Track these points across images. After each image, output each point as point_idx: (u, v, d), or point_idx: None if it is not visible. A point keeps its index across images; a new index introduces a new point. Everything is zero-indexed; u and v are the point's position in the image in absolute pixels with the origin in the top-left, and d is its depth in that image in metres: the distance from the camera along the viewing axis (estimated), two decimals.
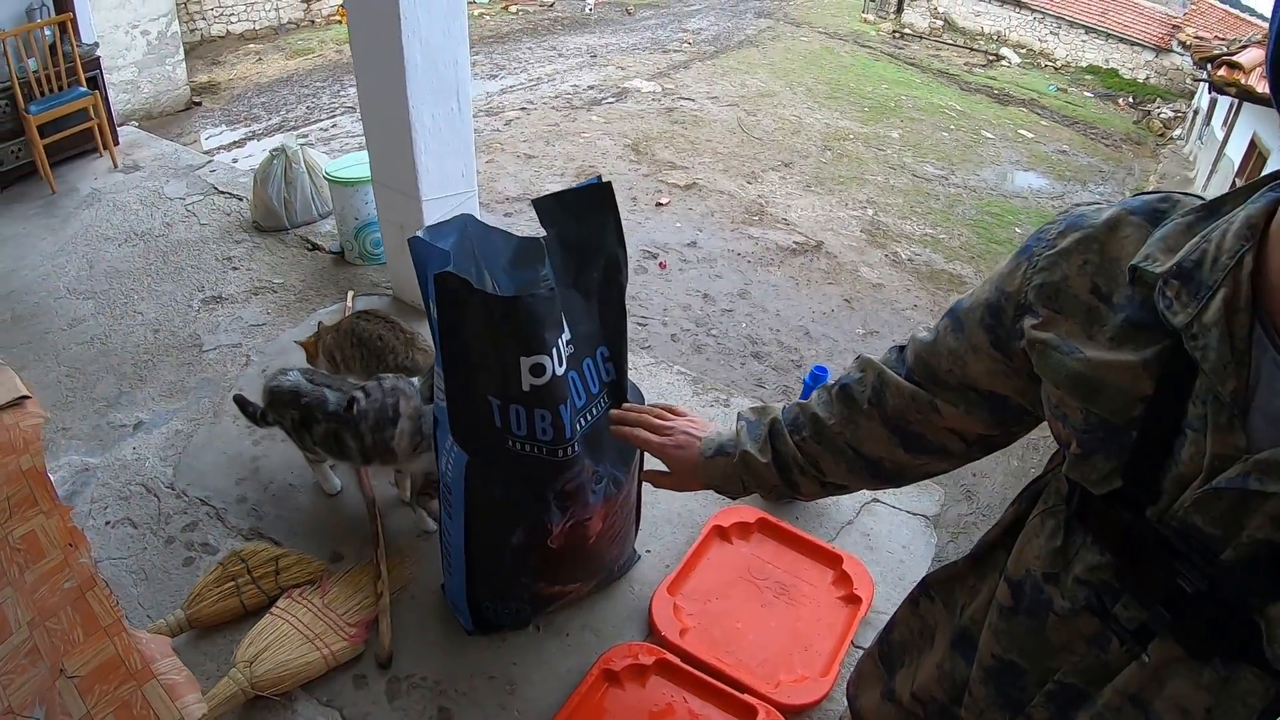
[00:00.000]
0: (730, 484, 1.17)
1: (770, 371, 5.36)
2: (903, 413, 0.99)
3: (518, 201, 7.05)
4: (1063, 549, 0.83)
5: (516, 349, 1.34)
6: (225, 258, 3.64)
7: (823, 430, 1.06)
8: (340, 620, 1.82)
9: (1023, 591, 0.86)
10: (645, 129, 9.31)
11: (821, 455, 1.07)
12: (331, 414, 2.00)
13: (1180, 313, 0.70)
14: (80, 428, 2.70)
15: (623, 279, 1.53)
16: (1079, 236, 0.81)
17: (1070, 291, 0.80)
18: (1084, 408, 0.77)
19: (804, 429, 1.08)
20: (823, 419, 1.06)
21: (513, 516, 1.56)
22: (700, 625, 1.95)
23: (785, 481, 1.11)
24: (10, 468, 1.88)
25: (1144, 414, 0.73)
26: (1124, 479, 0.75)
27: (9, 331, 3.24)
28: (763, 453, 1.11)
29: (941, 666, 1.00)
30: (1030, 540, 0.87)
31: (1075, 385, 0.78)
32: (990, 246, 7.76)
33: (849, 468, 1.06)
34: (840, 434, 1.05)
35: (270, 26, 11.64)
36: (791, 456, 1.09)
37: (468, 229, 1.47)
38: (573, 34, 13.70)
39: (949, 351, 0.94)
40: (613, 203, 1.46)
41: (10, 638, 1.54)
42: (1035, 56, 16.51)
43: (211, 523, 2.21)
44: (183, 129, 8.24)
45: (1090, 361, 0.76)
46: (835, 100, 11.48)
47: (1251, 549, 0.67)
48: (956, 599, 1.03)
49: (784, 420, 1.12)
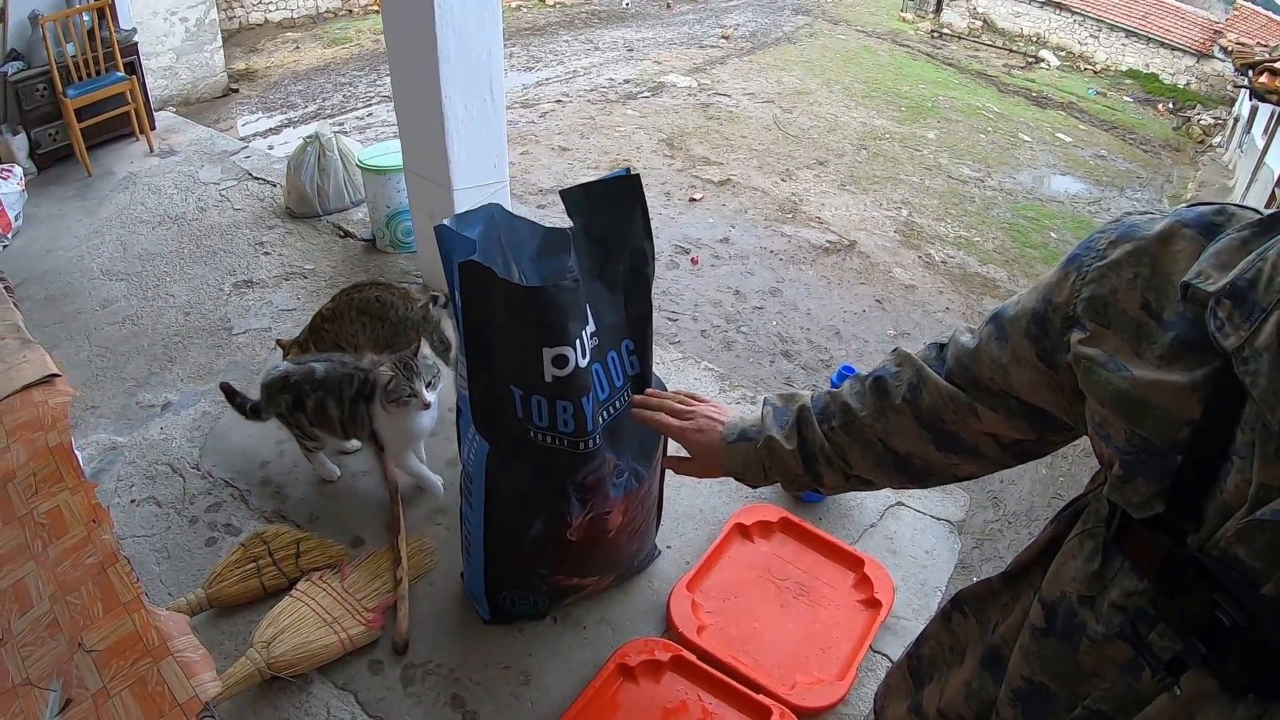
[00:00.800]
0: (751, 470, 1.14)
1: (799, 370, 5.32)
2: (938, 411, 0.97)
3: (551, 193, 7.05)
4: (1100, 572, 0.80)
5: (539, 339, 1.33)
6: (257, 243, 3.67)
7: (853, 421, 1.04)
8: (358, 605, 1.82)
9: (1056, 613, 0.83)
10: (680, 124, 9.28)
11: (850, 446, 1.05)
12: (320, 381, 2.02)
13: (1232, 335, 0.66)
14: (109, 406, 2.73)
15: (649, 271, 1.51)
16: (1130, 248, 0.77)
17: (1119, 306, 0.76)
18: (1128, 428, 0.74)
19: (833, 418, 1.06)
20: (854, 409, 1.04)
21: (532, 507, 1.55)
22: (718, 623, 1.93)
23: (809, 471, 1.09)
24: (37, 444, 1.91)
25: (1190, 438, 0.70)
26: (1166, 504, 0.72)
27: (43, 310, 3.28)
28: (788, 439, 1.08)
29: (970, 685, 0.97)
30: (1067, 561, 0.84)
31: (1120, 405, 0.75)
32: (1025, 251, 7.65)
33: (876, 462, 1.04)
34: (871, 426, 1.02)
35: (308, 15, 11.73)
36: (818, 446, 1.07)
37: (495, 218, 1.46)
38: (609, 27, 13.69)
39: (991, 359, 0.91)
40: (640, 194, 1.44)
41: (31, 610, 1.56)
42: (1075, 59, 16.26)
43: (235, 504, 2.22)
44: (220, 115, 8.33)
45: (1137, 381, 0.73)
46: (872, 99, 11.37)
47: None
48: (989, 616, 1.00)
49: (813, 408, 1.09)
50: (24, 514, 1.75)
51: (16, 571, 1.64)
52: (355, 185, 3.87)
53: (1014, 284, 6.97)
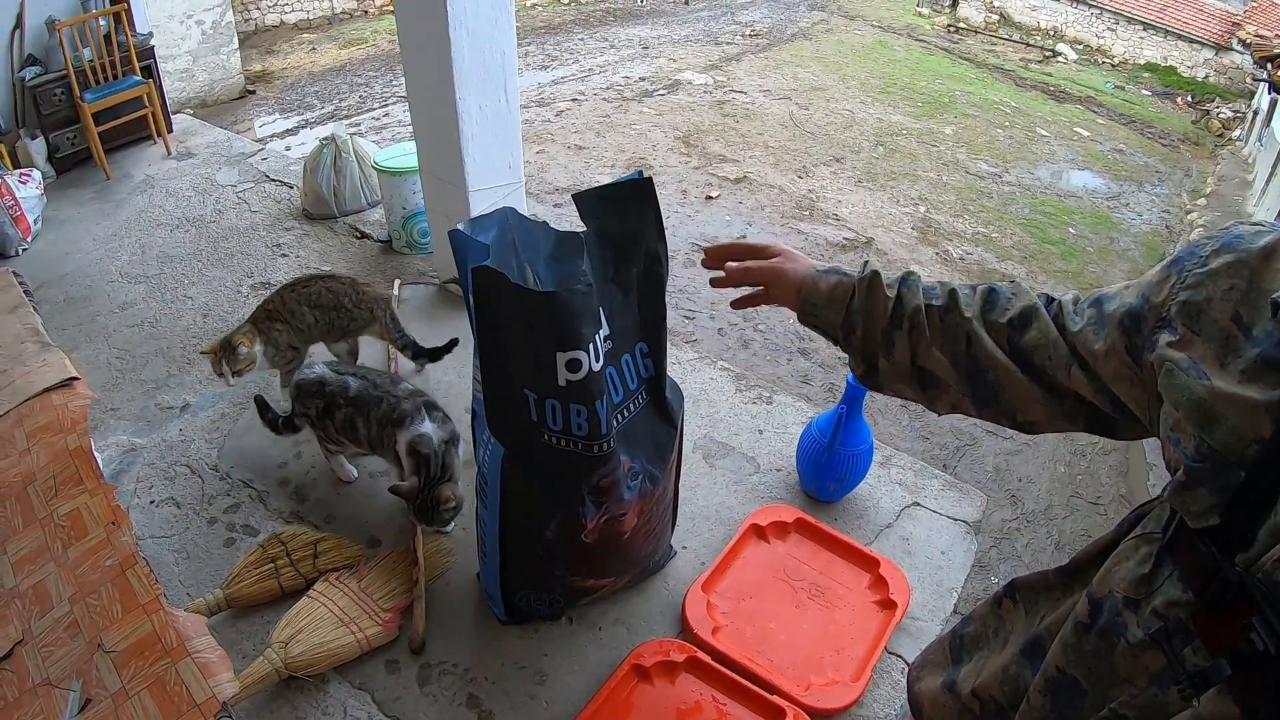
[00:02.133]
0: (833, 306, 1.10)
1: (817, 369, 5.31)
2: (1035, 347, 0.97)
3: (567, 192, 7.06)
4: (1149, 577, 0.80)
5: (552, 344, 1.33)
6: (275, 244, 3.69)
7: (953, 309, 1.02)
8: (375, 605, 1.83)
9: (1101, 611, 0.84)
10: (696, 121, 9.27)
11: (936, 333, 1.03)
12: (353, 398, 2.03)
13: None
14: (128, 408, 2.75)
15: (663, 274, 1.51)
16: (1231, 259, 0.77)
17: (1211, 315, 0.77)
18: (1199, 436, 0.75)
19: (936, 299, 1.04)
20: (959, 301, 1.03)
21: (547, 509, 1.55)
22: (733, 624, 1.93)
23: (887, 336, 1.06)
24: (57, 446, 1.93)
25: (1257, 456, 0.70)
26: (1221, 518, 0.72)
27: (63, 313, 3.31)
28: (890, 287, 1.06)
29: (1008, 670, 0.99)
30: (1120, 562, 0.85)
31: (1195, 412, 0.75)
32: (1043, 246, 7.60)
33: (954, 361, 1.02)
34: (968, 322, 1.01)
35: (324, 16, 11.80)
36: (909, 312, 1.04)
37: (509, 222, 1.47)
38: (625, 25, 13.69)
39: (1085, 342, 0.92)
40: (653, 197, 1.44)
41: (51, 611, 1.58)
42: (1092, 53, 16.12)
43: (253, 505, 2.24)
44: (237, 117, 8.41)
45: (1215, 391, 0.74)
46: (888, 95, 11.32)
47: None
48: (1040, 608, 1.01)
49: (917, 280, 1.07)
50: (44, 516, 1.78)
51: (37, 573, 1.67)
52: (371, 187, 3.88)
53: (1033, 280, 6.92)
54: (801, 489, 2.37)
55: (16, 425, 2.02)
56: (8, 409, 2.05)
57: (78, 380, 2.14)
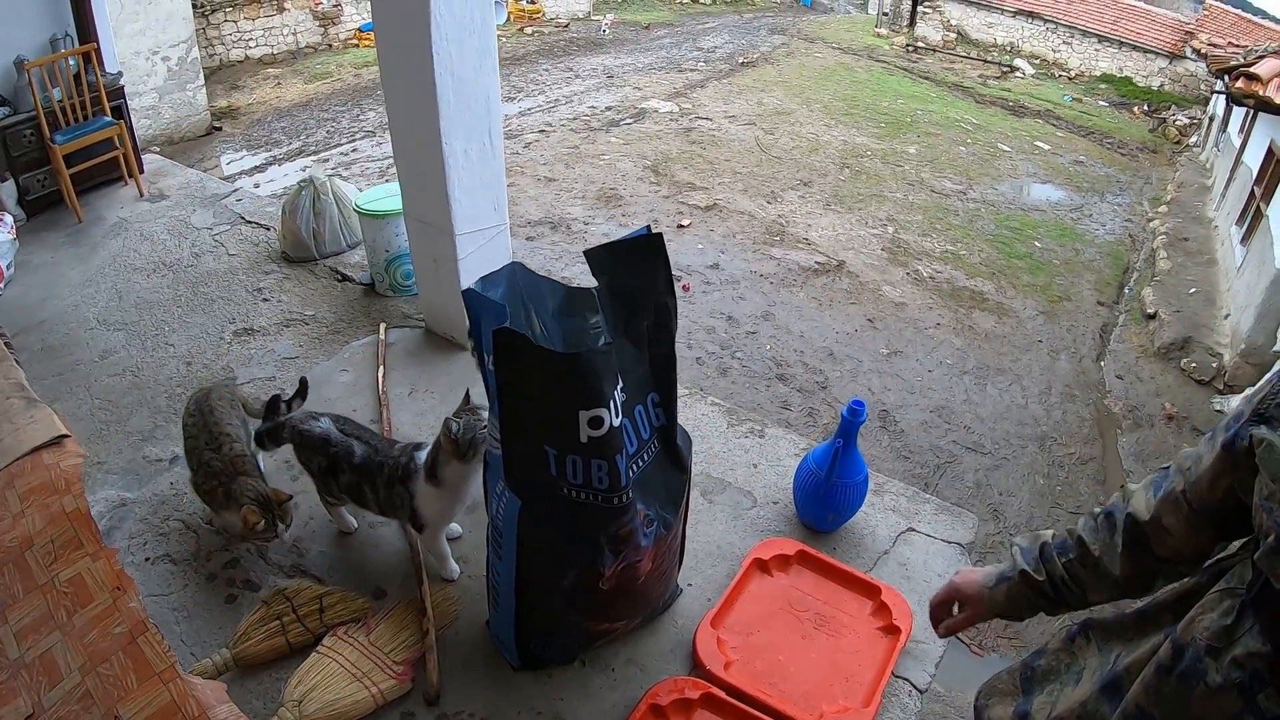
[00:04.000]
0: (1015, 605, 1.23)
1: (795, 394, 5.35)
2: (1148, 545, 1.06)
3: (540, 225, 7.09)
4: (1231, 628, 0.88)
5: (576, 403, 1.35)
6: (255, 289, 3.67)
7: (1086, 553, 1.13)
8: (387, 658, 1.82)
9: (1183, 656, 0.91)
10: (664, 150, 9.35)
11: (1085, 578, 1.14)
12: (357, 466, 2.01)
13: None
14: (115, 461, 2.72)
15: (673, 326, 1.54)
16: None
17: None
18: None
19: (1070, 551, 1.16)
20: (1087, 543, 1.14)
21: (565, 560, 1.57)
22: (743, 658, 1.95)
23: (1057, 598, 1.18)
24: (53, 509, 1.89)
25: None
26: None
27: (41, 363, 3.26)
28: (1038, 572, 1.19)
29: (1086, 705, 1.06)
30: (1205, 612, 0.92)
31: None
32: (1011, 262, 7.73)
33: (1101, 587, 1.13)
34: (1102, 558, 1.11)
35: (288, 50, 11.79)
36: (1060, 576, 1.16)
37: (516, 277, 1.49)
38: (589, 55, 13.80)
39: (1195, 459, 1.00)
40: (663, 251, 1.47)
41: (61, 683, 1.54)
42: (1049, 67, 16.51)
43: (252, 560, 2.21)
44: (203, 154, 8.34)
45: None
46: (851, 117, 11.49)
47: None
48: (1113, 646, 1.10)
49: (1054, 543, 1.19)
50: (44, 582, 1.74)
51: (42, 642, 1.63)
52: (351, 228, 3.87)
53: (1001, 295, 7.04)
54: (799, 520, 2.40)
55: (8, 486, 1.98)
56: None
57: (68, 438, 2.10)
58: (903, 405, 5.50)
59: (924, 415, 5.45)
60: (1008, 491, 5.06)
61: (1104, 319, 7.06)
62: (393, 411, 2.73)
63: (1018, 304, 6.97)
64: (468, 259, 2.86)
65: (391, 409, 2.75)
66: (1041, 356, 6.30)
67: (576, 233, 7.12)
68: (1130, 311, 7.17)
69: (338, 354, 3.12)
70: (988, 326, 6.53)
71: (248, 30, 11.23)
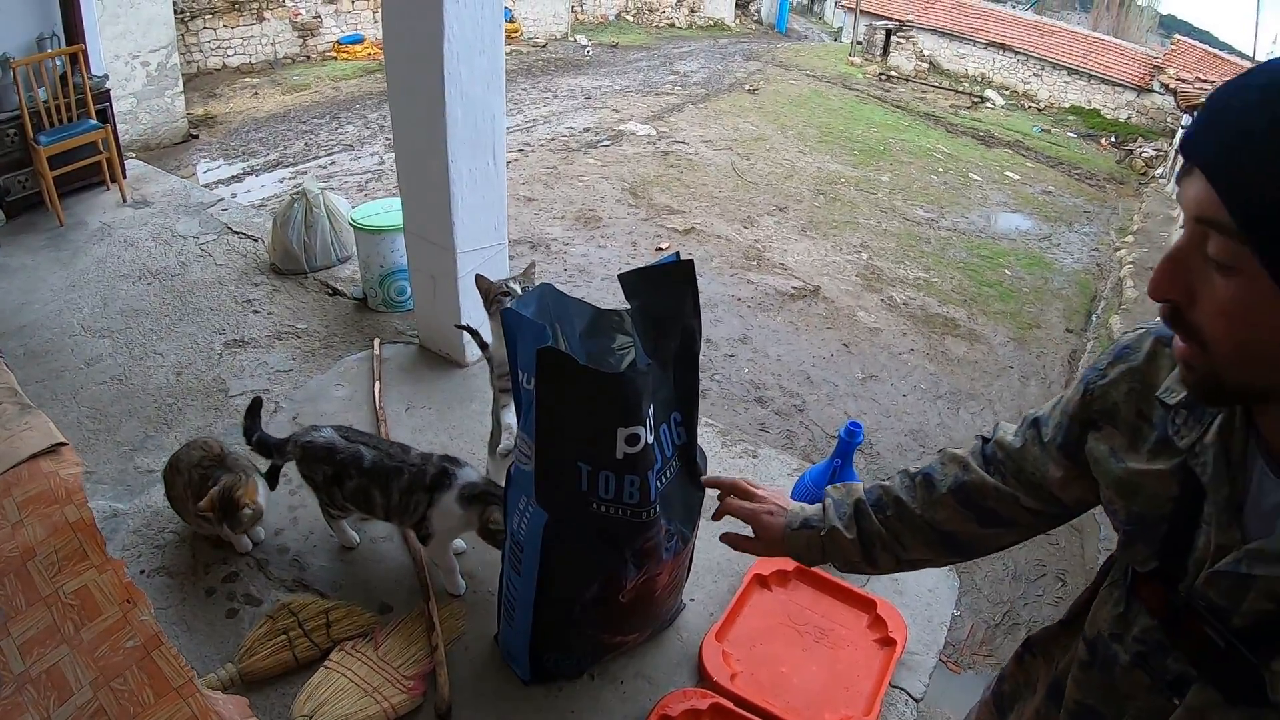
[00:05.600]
0: (811, 553, 1.33)
1: (773, 416, 5.41)
2: (982, 495, 1.16)
3: (519, 245, 7.09)
4: (1124, 615, 0.97)
5: (615, 421, 1.39)
6: (245, 300, 3.65)
7: (905, 510, 1.23)
8: (397, 673, 1.82)
9: (1096, 648, 1.01)
10: (642, 173, 9.41)
11: (903, 531, 1.24)
12: (367, 470, 2.02)
13: (1186, 436, 0.88)
14: (106, 471, 2.69)
15: (697, 347, 1.58)
16: (1124, 369, 0.98)
17: (1120, 414, 0.97)
18: (1126, 506, 0.95)
19: (887, 509, 1.24)
20: (905, 501, 1.23)
21: (588, 573, 1.60)
22: (748, 670, 1.99)
23: (865, 557, 1.28)
24: (55, 519, 1.87)
25: (1172, 511, 0.89)
26: (1159, 561, 0.91)
27: (24, 368, 3.20)
28: (849, 529, 1.27)
29: (1039, 712, 1.14)
30: (1101, 607, 1.02)
31: (1120, 488, 0.95)
32: (982, 289, 7.89)
33: (926, 541, 1.23)
34: (921, 515, 1.22)
35: (266, 61, 11.73)
36: (875, 533, 1.26)
37: (546, 299, 1.53)
38: (566, 75, 13.89)
39: (1033, 458, 1.11)
40: (693, 277, 1.52)
41: (72, 699, 1.52)
42: (1019, 98, 16.91)
43: (253, 573, 2.20)
44: (180, 161, 8.25)
45: (1131, 470, 0.94)
46: (826, 144, 11.67)
47: (1253, 617, 0.80)
48: (1054, 655, 1.17)
49: (868, 500, 1.27)
50: (49, 594, 1.71)
51: (49, 656, 1.60)
52: (342, 242, 3.87)
53: (973, 323, 7.18)
54: None
55: (4, 494, 1.94)
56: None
57: (65, 446, 2.08)
58: (878, 429, 5.58)
59: (899, 439, 5.53)
60: None
61: (1073, 346, 7.23)
62: (390, 427, 2.72)
63: (989, 331, 7.11)
64: (466, 277, 2.88)
65: (389, 424, 2.75)
66: (1012, 382, 6.42)
67: (556, 253, 7.15)
68: (1098, 339, 7.34)
69: (331, 368, 3.11)
70: (960, 352, 6.65)
71: (226, 38, 11.17)
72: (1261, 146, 0.65)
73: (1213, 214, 0.69)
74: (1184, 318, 0.76)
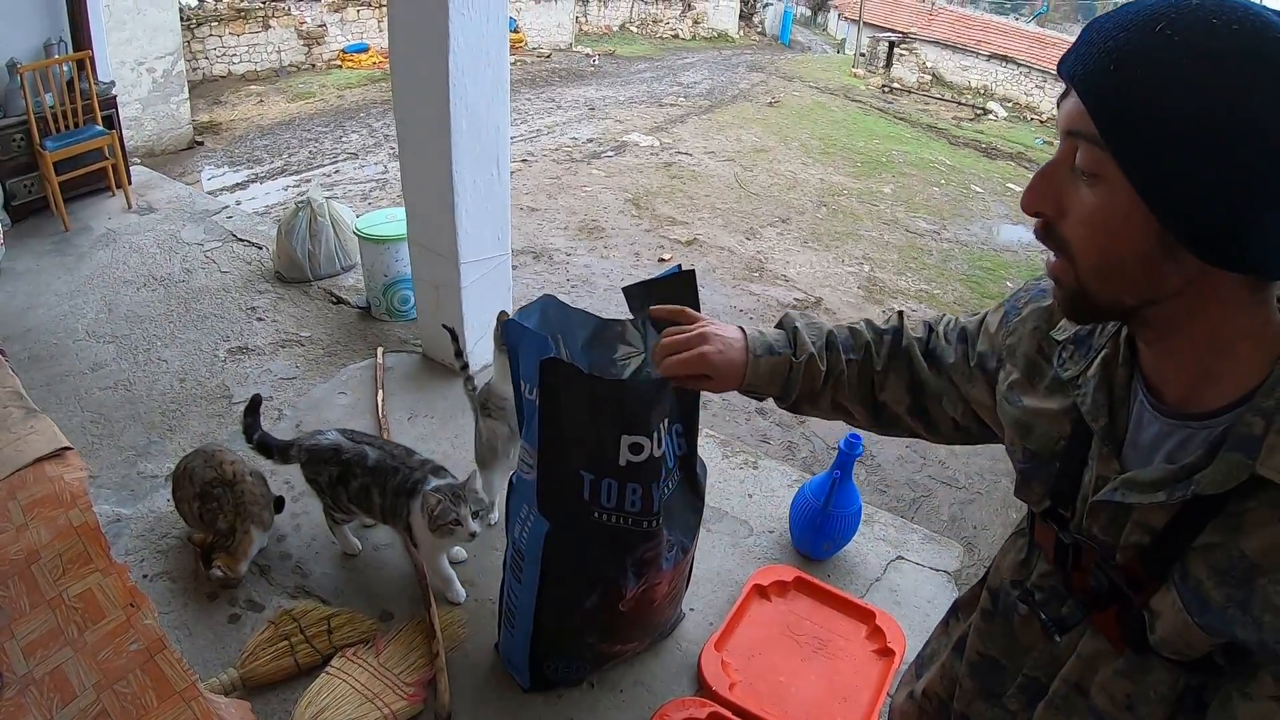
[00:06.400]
0: (773, 383, 1.20)
1: (775, 428, 5.41)
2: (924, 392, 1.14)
3: (522, 254, 7.11)
4: (1025, 561, 0.98)
5: (618, 428, 1.40)
6: (249, 308, 3.67)
7: (867, 362, 1.18)
8: (397, 679, 1.83)
9: (998, 598, 1.01)
10: (645, 183, 9.44)
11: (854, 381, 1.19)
12: (371, 469, 2.04)
13: (1070, 369, 0.89)
14: (109, 476, 2.70)
15: None
16: (1035, 308, 0.98)
17: (1024, 351, 0.97)
18: (1022, 445, 0.94)
19: (852, 352, 1.19)
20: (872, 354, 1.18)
21: (589, 582, 1.61)
22: (746, 679, 2.01)
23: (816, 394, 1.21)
24: (59, 522, 1.88)
25: (1064, 449, 0.89)
26: (1051, 500, 0.91)
27: (27, 371, 3.21)
28: (822, 360, 1.18)
29: (945, 666, 1.14)
30: (1005, 555, 1.03)
31: (1016, 427, 0.95)
32: (984, 301, 7.89)
33: (862, 399, 1.19)
34: (876, 373, 1.17)
35: (271, 68, 11.78)
36: (837, 374, 1.19)
37: (549, 310, 1.54)
38: (570, 86, 13.94)
39: (962, 373, 1.09)
40: (694, 288, 1.53)
41: (75, 700, 1.53)
42: (1021, 110, 16.94)
43: (255, 579, 2.21)
44: (185, 168, 8.28)
45: (1026, 409, 0.94)
46: (829, 155, 11.70)
47: (1133, 551, 0.81)
48: (969, 615, 1.15)
49: (839, 338, 1.20)
50: (53, 597, 1.73)
51: (53, 658, 1.62)
52: (346, 251, 3.89)
53: None
54: (794, 548, 2.46)
55: (9, 497, 1.96)
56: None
57: (70, 450, 2.09)
58: (879, 441, 5.57)
59: (900, 450, 5.53)
60: (981, 525, 5.14)
61: None
62: (393, 435, 2.74)
63: None
64: (470, 287, 2.90)
65: (392, 433, 2.76)
66: None
67: (559, 263, 7.17)
68: None
69: (335, 376, 3.14)
70: None
71: (232, 46, 11.22)
72: (1121, 58, 0.69)
73: (1080, 125, 0.73)
74: (1055, 231, 0.78)
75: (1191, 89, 0.65)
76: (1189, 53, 0.66)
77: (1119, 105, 0.69)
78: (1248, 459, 0.70)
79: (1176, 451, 0.78)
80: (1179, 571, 0.77)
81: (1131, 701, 0.84)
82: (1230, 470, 0.71)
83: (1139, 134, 0.68)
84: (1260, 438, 0.70)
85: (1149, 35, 0.68)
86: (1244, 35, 0.65)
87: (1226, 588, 0.73)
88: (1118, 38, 0.70)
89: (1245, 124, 0.64)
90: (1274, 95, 0.64)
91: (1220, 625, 0.74)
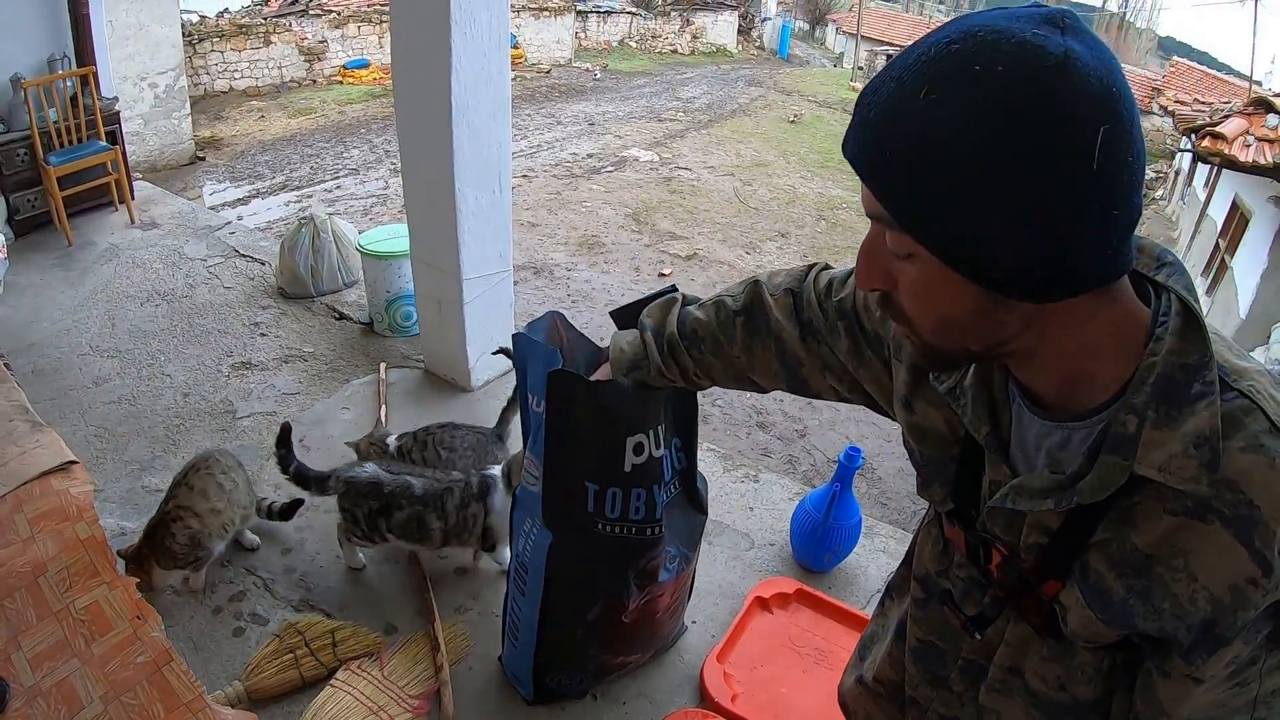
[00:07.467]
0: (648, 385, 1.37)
1: (775, 441, 5.43)
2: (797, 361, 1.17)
3: (523, 270, 7.13)
4: (944, 552, 0.99)
5: (623, 429, 1.43)
6: (252, 323, 3.69)
7: (721, 350, 1.25)
8: (402, 692, 1.85)
9: (927, 585, 1.02)
10: (645, 198, 9.48)
11: (713, 367, 1.28)
12: (420, 498, 2.05)
13: (946, 380, 0.88)
14: (113, 490, 2.71)
15: None
16: None
17: (908, 352, 0.96)
18: (919, 448, 0.96)
19: (702, 344, 1.27)
20: (723, 342, 1.25)
21: (592, 594, 1.63)
22: (748, 691, 2.02)
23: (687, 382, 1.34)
24: (66, 535, 1.90)
25: (960, 452, 0.91)
26: (954, 501, 0.92)
27: (31, 385, 3.22)
28: (668, 368, 1.32)
29: (890, 653, 1.16)
30: (924, 546, 1.04)
31: (911, 431, 0.97)
32: None
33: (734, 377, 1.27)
34: (738, 358, 1.24)
35: (273, 84, 11.87)
36: (690, 369, 1.30)
37: (557, 326, 1.57)
38: (570, 101, 14.02)
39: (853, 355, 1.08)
40: None
41: (82, 712, 1.54)
42: None
43: (260, 593, 2.23)
44: (186, 183, 8.33)
45: (918, 414, 0.95)
46: (827, 169, 11.75)
47: (1034, 551, 0.83)
48: (905, 598, 1.16)
49: (681, 336, 1.30)
50: (59, 609, 1.74)
51: (59, 669, 1.63)
52: (349, 267, 3.92)
53: None
54: (795, 561, 2.48)
55: (16, 510, 1.97)
56: (4, 492, 2.00)
57: (76, 464, 2.11)
58: (879, 454, 5.59)
59: (900, 463, 5.54)
60: None
61: None
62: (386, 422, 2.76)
63: None
64: (472, 303, 2.93)
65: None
66: None
67: (559, 278, 7.20)
68: None
69: (338, 392, 3.16)
70: None
71: (233, 61, 11.30)
72: (894, 146, 0.67)
73: (877, 211, 0.72)
74: (893, 300, 0.78)
75: (963, 158, 0.63)
76: (951, 121, 0.63)
77: (905, 194, 0.68)
78: (1125, 460, 0.72)
79: (1058, 451, 0.79)
80: (1080, 568, 0.79)
81: (1063, 682, 0.87)
82: (1109, 475, 0.73)
83: (928, 215, 0.67)
84: (1135, 436, 0.71)
85: (911, 104, 0.66)
86: (1005, 80, 0.62)
87: (1126, 579, 0.75)
88: (885, 118, 0.68)
89: (1018, 172, 0.63)
90: (1041, 138, 0.62)
91: (1122, 619, 0.77)
